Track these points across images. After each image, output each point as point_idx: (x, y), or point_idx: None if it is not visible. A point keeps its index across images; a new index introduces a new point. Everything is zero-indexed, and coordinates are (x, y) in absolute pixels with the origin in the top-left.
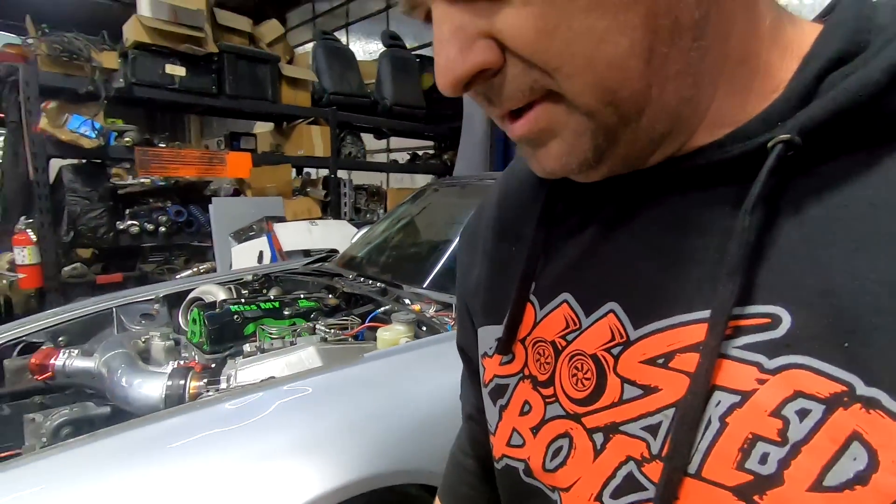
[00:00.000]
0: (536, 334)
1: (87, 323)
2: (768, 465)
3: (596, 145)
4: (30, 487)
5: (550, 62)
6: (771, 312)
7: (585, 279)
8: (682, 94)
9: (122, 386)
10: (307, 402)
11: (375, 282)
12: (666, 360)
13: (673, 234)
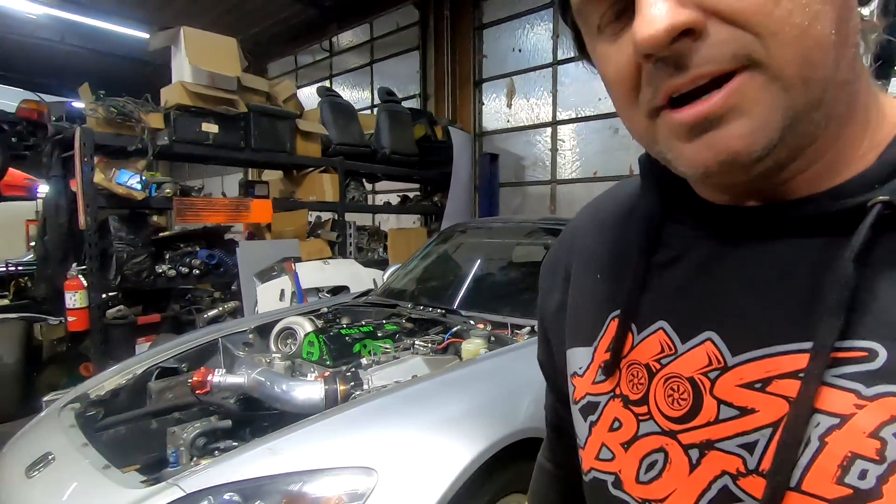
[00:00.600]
0: (632, 357)
1: (201, 351)
2: (867, 481)
3: (784, 126)
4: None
5: (771, 26)
6: (868, 347)
7: (682, 309)
8: (839, 108)
9: (285, 392)
10: (449, 391)
11: (434, 309)
12: (763, 385)
13: (769, 273)
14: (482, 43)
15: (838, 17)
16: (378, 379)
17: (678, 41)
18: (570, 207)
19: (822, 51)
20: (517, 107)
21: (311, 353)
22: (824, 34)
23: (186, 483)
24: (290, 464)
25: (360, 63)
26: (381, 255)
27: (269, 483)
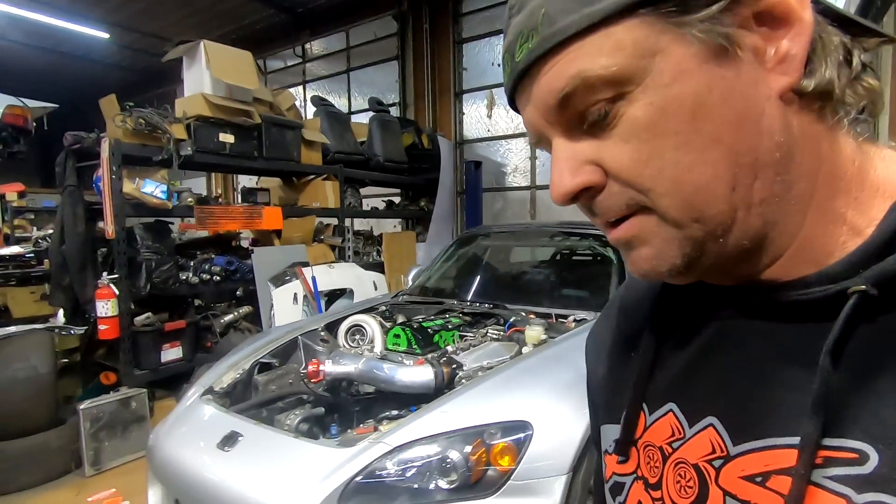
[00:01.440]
0: (647, 438)
1: (286, 348)
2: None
3: (684, 254)
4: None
5: (644, 184)
6: (858, 448)
7: (689, 391)
8: (767, 217)
9: (396, 377)
10: (553, 364)
11: (482, 304)
12: (763, 479)
13: (768, 359)
14: (462, 56)
15: (730, 153)
16: (470, 361)
17: (582, 196)
18: (548, 211)
19: (707, 193)
20: (497, 116)
21: (397, 345)
22: (704, 180)
23: (389, 440)
24: (461, 422)
25: (337, 70)
26: (376, 259)
27: (452, 436)
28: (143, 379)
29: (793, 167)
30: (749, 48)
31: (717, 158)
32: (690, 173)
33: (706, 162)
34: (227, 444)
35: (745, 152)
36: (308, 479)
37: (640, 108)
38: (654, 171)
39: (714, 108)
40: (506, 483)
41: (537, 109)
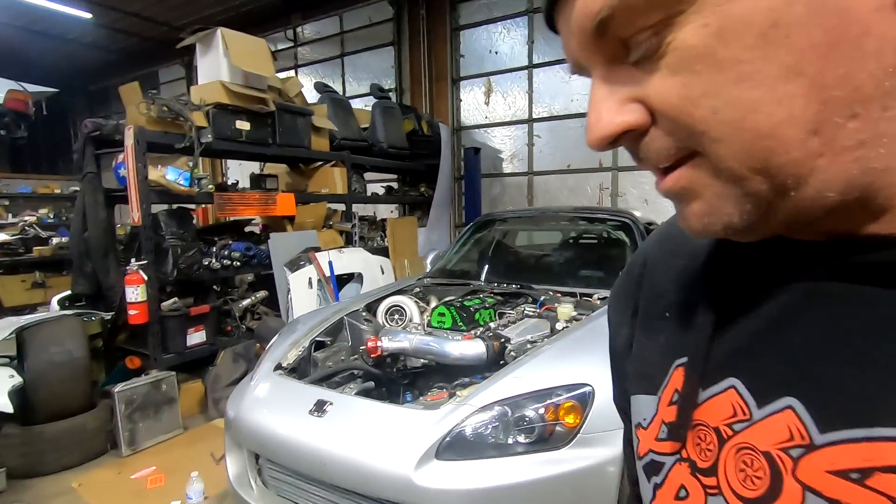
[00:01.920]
0: (699, 417)
1: (334, 327)
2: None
3: (742, 211)
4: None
5: (695, 126)
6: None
7: (757, 366)
8: (869, 164)
9: (451, 351)
10: (600, 335)
11: (508, 284)
12: (862, 477)
13: (870, 333)
14: (459, 43)
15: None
16: (514, 336)
17: (623, 140)
18: (545, 196)
19: (774, 139)
20: (494, 103)
21: (442, 322)
22: (773, 122)
23: (474, 401)
24: (531, 385)
25: (330, 55)
26: (380, 244)
27: (527, 397)
28: (169, 362)
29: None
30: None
31: (794, 94)
32: (755, 114)
33: (778, 99)
34: (319, 411)
35: (836, 84)
36: (406, 438)
37: (691, 33)
38: (708, 110)
39: (794, 27)
40: (575, 437)
41: (574, 37)
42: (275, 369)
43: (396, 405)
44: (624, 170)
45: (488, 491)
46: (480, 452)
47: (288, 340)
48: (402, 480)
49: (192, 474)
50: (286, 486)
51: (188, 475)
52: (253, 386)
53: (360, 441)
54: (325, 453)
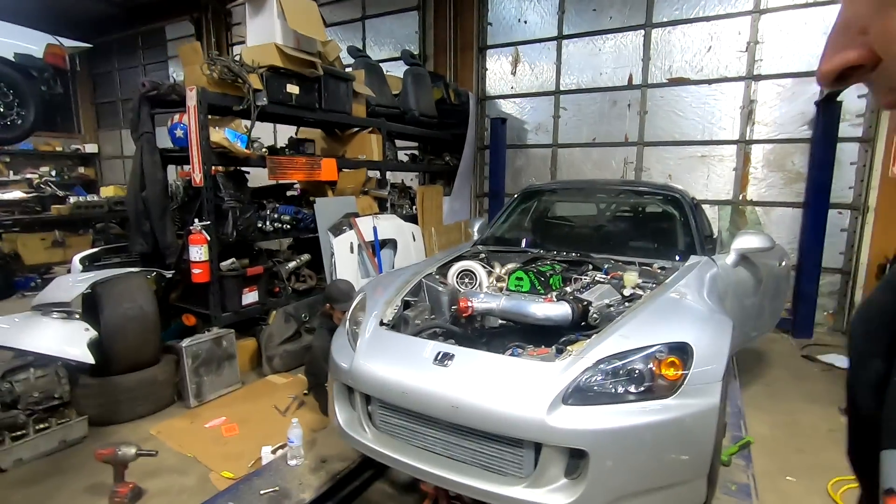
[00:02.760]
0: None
1: (416, 289)
2: None
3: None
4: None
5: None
6: None
7: None
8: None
9: (538, 312)
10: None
11: (568, 253)
12: None
13: None
14: (487, 11)
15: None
16: (594, 299)
17: (850, 76)
18: (570, 169)
19: None
20: (521, 73)
21: (519, 286)
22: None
23: (590, 355)
24: (638, 342)
25: (351, 17)
26: (409, 211)
27: (636, 353)
28: (227, 320)
29: None
30: None
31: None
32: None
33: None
34: (444, 361)
35: None
36: (535, 386)
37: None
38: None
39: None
40: (680, 388)
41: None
42: (380, 324)
43: (515, 357)
44: (649, 145)
45: (609, 432)
46: (599, 399)
47: (383, 298)
48: (536, 422)
49: (293, 420)
50: (399, 429)
51: (257, 425)
52: (366, 339)
53: (489, 388)
54: (455, 399)
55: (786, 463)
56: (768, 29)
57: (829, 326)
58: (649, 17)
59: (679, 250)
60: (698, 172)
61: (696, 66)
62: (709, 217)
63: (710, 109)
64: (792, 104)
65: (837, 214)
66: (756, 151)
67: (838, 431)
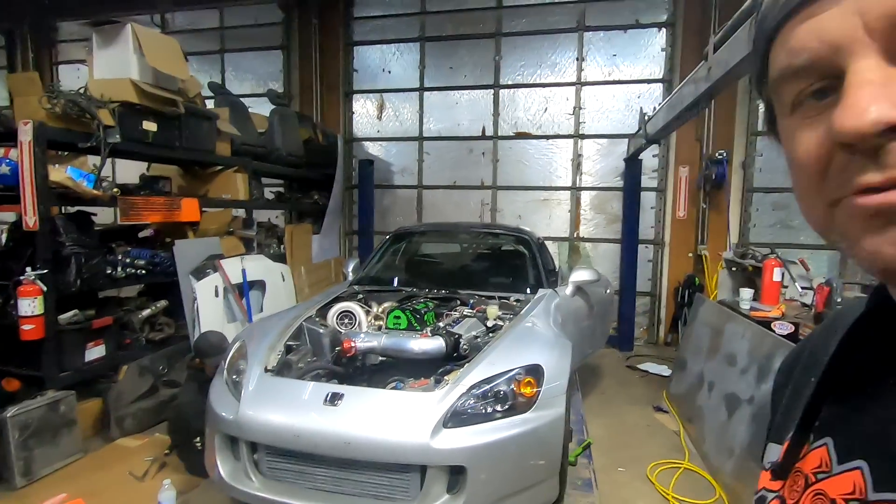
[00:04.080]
0: (800, 465)
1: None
2: None
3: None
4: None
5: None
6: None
7: (848, 431)
8: None
9: (416, 347)
10: (535, 332)
11: (438, 290)
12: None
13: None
14: (353, 58)
15: None
16: (463, 332)
17: (882, 137)
18: (433, 209)
19: None
20: (387, 118)
21: (397, 324)
22: None
23: (464, 382)
24: (501, 367)
25: (208, 49)
26: (276, 250)
27: (500, 377)
28: (67, 381)
29: None
30: None
31: None
32: None
33: None
34: (334, 401)
35: None
36: (418, 415)
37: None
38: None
39: None
40: (535, 403)
41: (863, 15)
42: (267, 371)
43: (400, 391)
44: (502, 188)
45: (483, 447)
46: (472, 420)
47: (265, 344)
48: (422, 447)
49: (164, 482)
50: (288, 473)
51: (111, 497)
52: (252, 387)
53: (378, 422)
54: (348, 435)
55: (617, 457)
56: (588, 98)
57: (644, 340)
58: (497, 78)
59: (530, 284)
60: (542, 213)
61: (537, 123)
62: (552, 253)
63: (549, 160)
64: (608, 159)
65: (644, 248)
66: (584, 197)
67: (653, 426)
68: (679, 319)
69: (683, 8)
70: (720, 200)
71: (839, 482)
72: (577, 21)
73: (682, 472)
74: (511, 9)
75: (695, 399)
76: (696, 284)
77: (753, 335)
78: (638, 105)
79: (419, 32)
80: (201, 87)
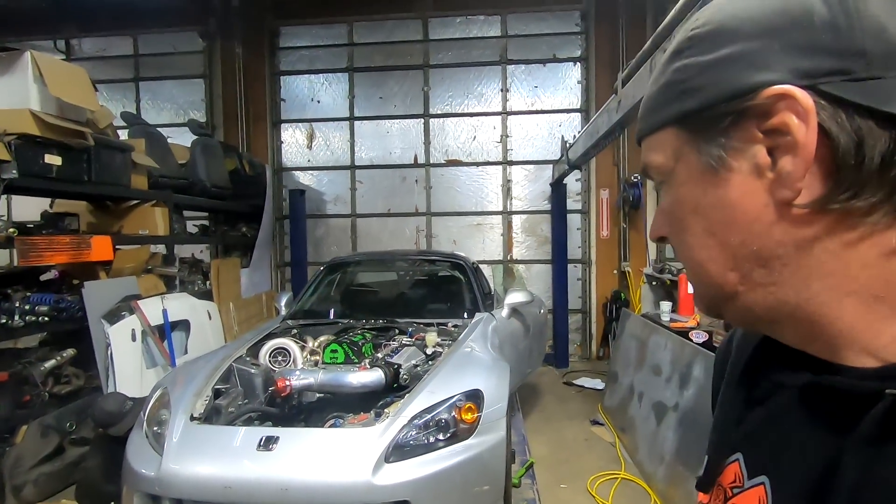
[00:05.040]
0: (720, 479)
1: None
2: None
3: (708, 303)
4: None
5: (675, 249)
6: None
7: (755, 448)
8: (784, 298)
9: (354, 381)
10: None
11: (376, 320)
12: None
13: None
14: (280, 87)
15: (724, 244)
16: (403, 361)
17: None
18: (368, 237)
19: (704, 268)
20: (317, 148)
21: (335, 358)
22: (702, 258)
23: (405, 413)
24: (442, 395)
25: (122, 77)
26: (202, 287)
27: (441, 405)
28: None
29: (803, 264)
30: (750, 163)
31: (711, 245)
32: (692, 251)
33: (703, 247)
34: (268, 445)
35: (738, 245)
36: (358, 452)
37: (666, 196)
38: (676, 242)
39: (706, 210)
40: (476, 428)
41: None
42: (191, 420)
43: (338, 428)
44: (436, 215)
45: (426, 479)
46: (415, 452)
47: (190, 391)
48: (363, 485)
49: None
50: None
51: None
52: (176, 439)
53: (317, 463)
54: (285, 481)
55: (558, 473)
56: (514, 126)
57: (579, 356)
58: (426, 108)
59: (467, 308)
60: (476, 238)
61: (466, 151)
62: (487, 276)
63: (480, 186)
64: (536, 184)
65: (573, 268)
66: (516, 220)
67: (591, 439)
68: (609, 334)
69: (595, 45)
70: (638, 220)
71: (748, 497)
72: (499, 55)
73: (619, 482)
74: (437, 42)
75: (627, 410)
76: (623, 299)
77: (674, 345)
78: (560, 133)
79: (347, 63)
80: (114, 117)
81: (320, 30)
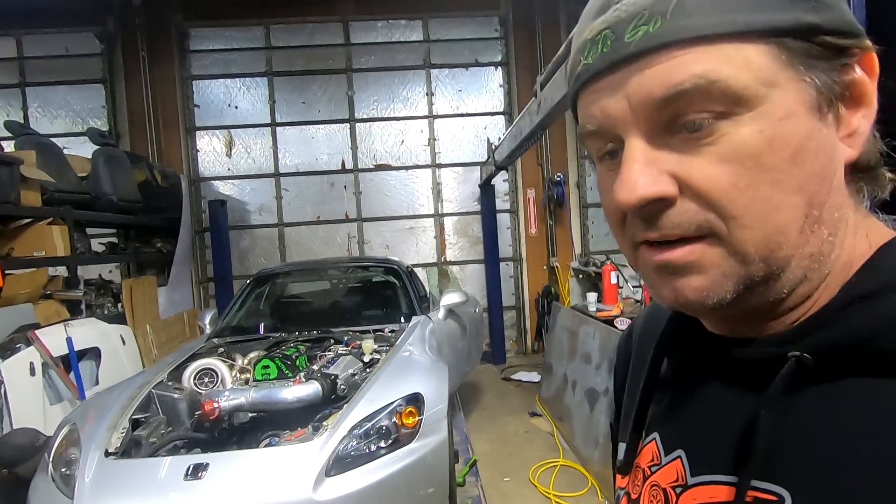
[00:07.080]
0: (638, 461)
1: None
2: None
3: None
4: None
5: (732, 211)
6: (777, 492)
7: (669, 425)
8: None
9: (289, 396)
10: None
11: (310, 332)
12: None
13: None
14: (193, 93)
15: (809, 203)
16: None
17: (650, 206)
18: (298, 247)
19: (784, 235)
20: (237, 156)
21: (267, 375)
22: (787, 220)
23: (344, 424)
24: (382, 402)
25: (5, 83)
26: (112, 310)
27: (381, 412)
28: None
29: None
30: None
31: (798, 204)
32: (777, 212)
33: (792, 205)
34: (197, 474)
35: (817, 205)
36: (297, 469)
37: (750, 134)
38: (747, 200)
39: (809, 155)
40: (418, 432)
41: (629, 100)
42: (107, 456)
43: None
44: (367, 220)
45: (370, 488)
46: (357, 462)
47: (103, 425)
48: (305, 502)
49: None
50: None
51: None
52: (89, 479)
53: (253, 487)
54: None
55: (502, 468)
56: (441, 129)
57: (515, 351)
58: (352, 113)
59: (403, 313)
60: (409, 242)
61: (395, 155)
62: (422, 279)
63: (411, 190)
64: (465, 186)
65: (505, 266)
66: (447, 222)
67: (531, 431)
68: (542, 328)
69: (514, 49)
70: (563, 217)
71: (667, 472)
72: (423, 59)
73: (559, 469)
74: (360, 46)
75: (562, 399)
76: (553, 294)
77: (601, 333)
78: (485, 135)
79: (266, 67)
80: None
81: (235, 32)
